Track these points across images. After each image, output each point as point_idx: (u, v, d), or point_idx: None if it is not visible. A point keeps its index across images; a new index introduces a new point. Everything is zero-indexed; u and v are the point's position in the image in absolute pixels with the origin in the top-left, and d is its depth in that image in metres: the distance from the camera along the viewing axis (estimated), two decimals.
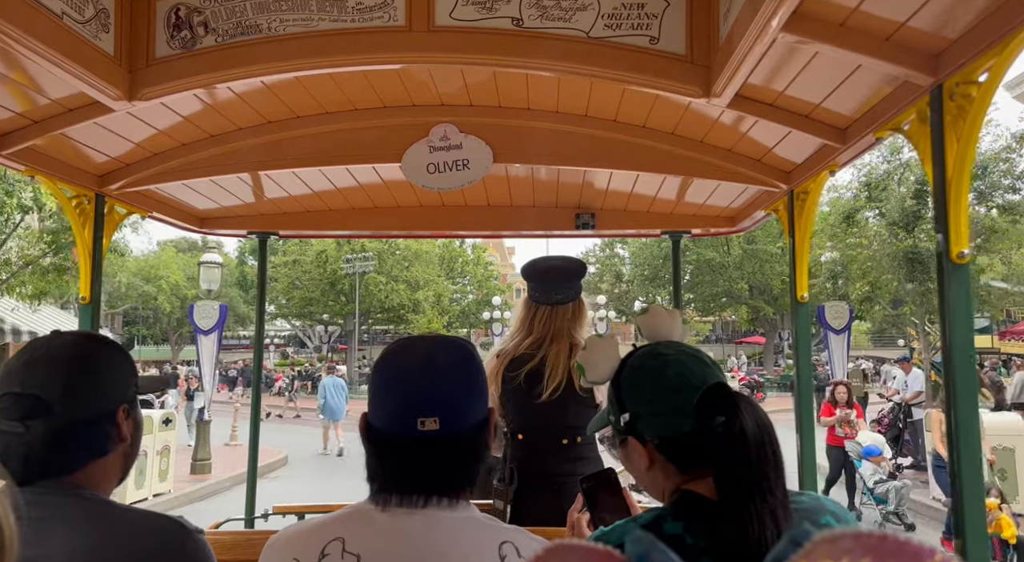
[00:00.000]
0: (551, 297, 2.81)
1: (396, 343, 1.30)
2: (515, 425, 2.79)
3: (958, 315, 1.71)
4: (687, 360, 1.22)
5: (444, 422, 1.18)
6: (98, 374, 1.30)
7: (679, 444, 1.18)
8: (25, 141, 2.40)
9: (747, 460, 1.09)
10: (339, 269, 39.12)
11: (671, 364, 1.22)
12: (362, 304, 40.08)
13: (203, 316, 10.71)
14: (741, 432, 1.10)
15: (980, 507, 1.67)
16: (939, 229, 1.73)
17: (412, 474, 1.20)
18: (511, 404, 2.79)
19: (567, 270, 2.86)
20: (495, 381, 2.79)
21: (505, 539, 1.17)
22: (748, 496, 1.07)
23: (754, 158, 2.85)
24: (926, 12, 1.63)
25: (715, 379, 1.19)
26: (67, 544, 1.14)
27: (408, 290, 40.30)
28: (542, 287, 2.84)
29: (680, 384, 1.18)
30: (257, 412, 3.93)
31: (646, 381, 1.24)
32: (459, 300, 47.90)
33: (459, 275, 47.97)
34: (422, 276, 41.07)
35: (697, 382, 1.18)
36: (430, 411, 1.18)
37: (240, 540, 2.43)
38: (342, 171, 3.18)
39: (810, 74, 2.06)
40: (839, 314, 10.64)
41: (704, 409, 1.14)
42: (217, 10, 2.13)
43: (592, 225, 3.70)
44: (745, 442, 1.10)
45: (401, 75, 2.53)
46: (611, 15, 2.07)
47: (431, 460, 1.19)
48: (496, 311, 32.94)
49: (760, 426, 1.12)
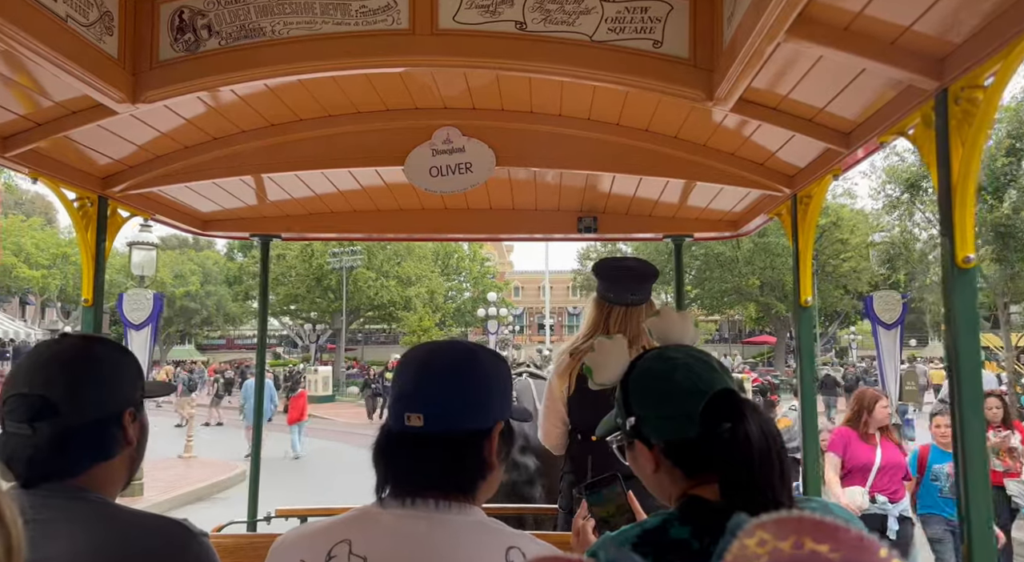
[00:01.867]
0: (626, 298, 2.81)
1: (415, 346, 1.35)
2: (585, 424, 2.73)
3: (964, 320, 1.70)
4: (695, 365, 1.22)
5: (429, 420, 1.18)
6: (105, 377, 1.30)
7: (685, 449, 1.18)
8: (28, 143, 2.40)
9: (751, 467, 1.09)
10: (325, 264, 37.53)
11: (679, 368, 1.22)
12: (351, 301, 38.30)
13: (134, 307, 8.53)
14: (746, 439, 1.10)
15: (987, 517, 1.66)
16: (944, 234, 1.72)
17: (400, 469, 1.22)
18: (581, 403, 2.74)
19: (642, 271, 2.87)
20: (567, 378, 2.77)
21: (512, 544, 1.16)
22: (751, 502, 1.07)
23: (757, 162, 2.85)
24: (931, 16, 1.63)
25: (723, 385, 1.18)
26: (72, 546, 1.14)
27: (399, 286, 38.76)
28: (617, 287, 2.83)
29: (687, 389, 1.18)
30: (260, 415, 3.92)
31: (653, 385, 1.24)
32: (454, 297, 46.39)
33: (455, 272, 46.46)
34: (414, 272, 39.48)
35: (704, 387, 1.18)
36: (416, 407, 1.20)
37: (243, 543, 2.43)
38: (345, 174, 3.18)
39: (814, 78, 2.05)
40: (890, 305, 8.93)
41: (710, 415, 1.14)
42: (221, 13, 2.13)
43: (594, 228, 3.70)
44: (750, 449, 1.10)
45: (404, 78, 2.53)
46: (614, 19, 2.07)
47: (416, 457, 1.20)
48: (492, 307, 31.84)
49: (766, 433, 1.12)
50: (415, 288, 39.35)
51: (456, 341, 1.35)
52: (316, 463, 14.91)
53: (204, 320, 49.55)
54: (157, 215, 3.36)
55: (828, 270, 35.88)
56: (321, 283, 38.62)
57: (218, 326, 54.37)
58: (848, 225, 35.36)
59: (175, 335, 50.79)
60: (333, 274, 38.09)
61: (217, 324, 53.11)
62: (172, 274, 44.05)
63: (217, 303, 47.39)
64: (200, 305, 46.89)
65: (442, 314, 41.75)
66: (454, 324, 44.35)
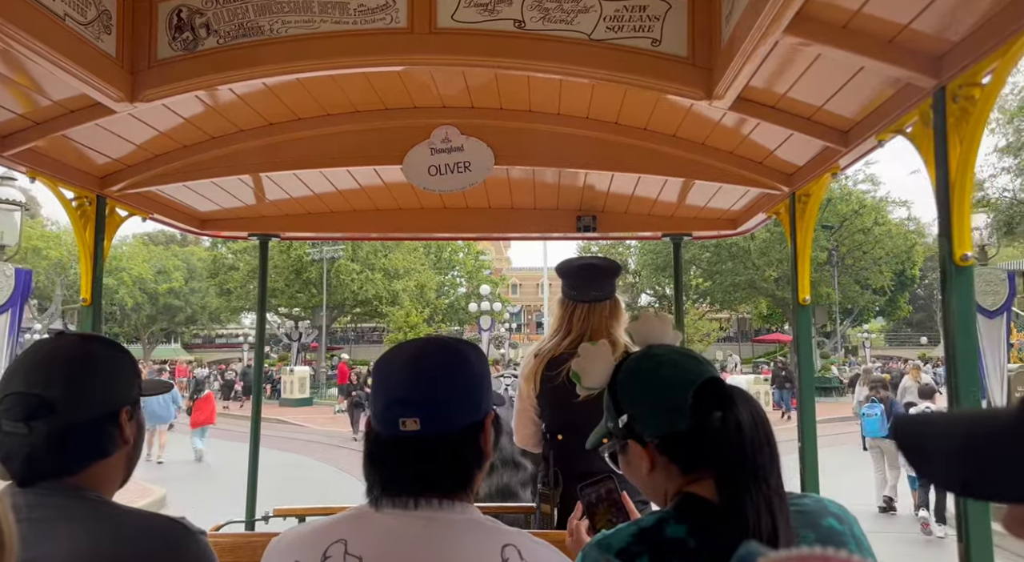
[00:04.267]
0: (588, 294, 2.80)
1: (394, 345, 1.31)
2: (554, 425, 2.76)
3: (962, 318, 1.70)
4: (680, 359, 1.25)
5: (426, 422, 1.17)
6: (101, 375, 1.30)
7: (678, 442, 1.19)
8: (26, 142, 2.40)
9: (742, 450, 1.12)
10: (305, 255, 34.74)
11: (664, 363, 1.24)
12: (334, 295, 35.38)
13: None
14: (737, 425, 1.14)
15: (984, 513, 1.66)
16: (942, 232, 1.73)
17: (397, 475, 1.20)
18: (550, 404, 2.76)
19: (602, 268, 2.87)
20: (533, 381, 2.78)
21: (508, 542, 1.16)
22: (744, 487, 1.09)
23: (756, 160, 2.85)
24: (929, 14, 1.63)
25: (709, 374, 1.21)
26: (69, 545, 1.14)
27: (386, 280, 35.79)
28: (578, 285, 2.83)
29: (675, 381, 1.20)
30: (258, 415, 3.92)
31: (642, 381, 1.26)
32: (447, 293, 43.35)
33: (448, 266, 43.49)
34: (402, 264, 36.49)
35: (692, 378, 1.20)
36: (411, 411, 1.18)
37: (241, 542, 2.43)
38: (343, 173, 3.18)
39: (812, 76, 2.06)
40: (994, 285, 7.04)
41: (700, 405, 1.16)
42: (219, 12, 2.13)
43: (593, 227, 3.70)
44: (741, 434, 1.13)
45: (403, 77, 2.53)
46: (613, 17, 2.07)
47: (415, 461, 1.18)
48: (484, 302, 29.57)
49: (755, 417, 1.15)
50: (403, 281, 36.66)
51: (436, 337, 1.33)
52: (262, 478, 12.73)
53: (188, 318, 47.53)
54: (155, 214, 3.36)
55: (848, 263, 34.08)
56: (301, 276, 35.85)
57: (203, 324, 51.99)
58: (870, 214, 33.45)
59: (159, 334, 48.65)
60: (314, 266, 35.17)
61: (202, 322, 50.66)
62: (155, 270, 42.23)
63: (202, 300, 45.14)
64: (184, 302, 44.84)
65: (432, 309, 38.91)
66: (444, 321, 41.44)
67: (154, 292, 42.39)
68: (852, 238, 33.81)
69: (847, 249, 33.73)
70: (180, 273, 44.33)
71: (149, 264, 42.91)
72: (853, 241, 33.92)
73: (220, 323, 52.23)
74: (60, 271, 36.16)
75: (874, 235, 33.60)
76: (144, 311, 43.10)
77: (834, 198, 33.48)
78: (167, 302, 43.74)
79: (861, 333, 43.05)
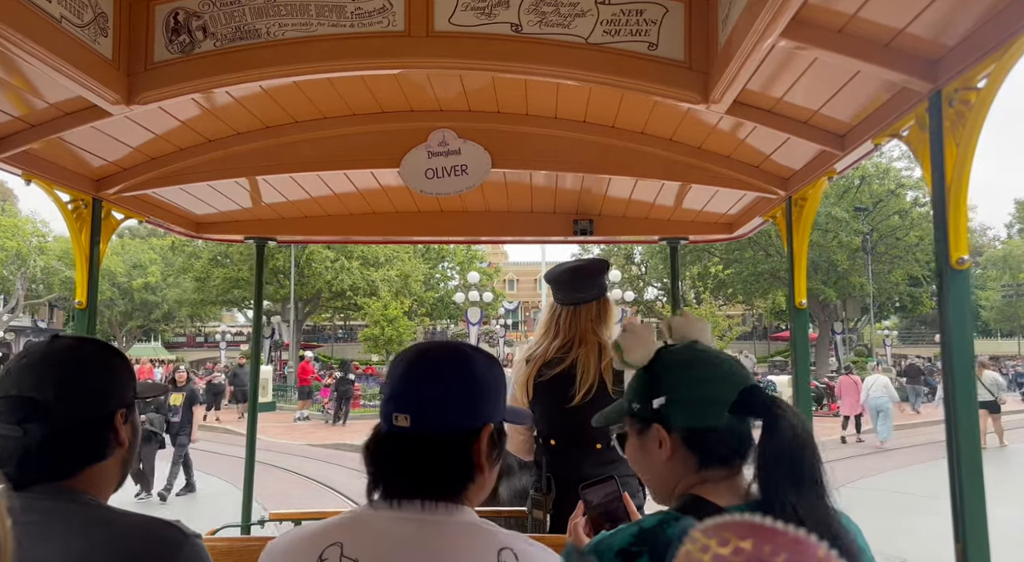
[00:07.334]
0: (572, 296, 2.81)
1: (410, 346, 1.34)
2: (547, 431, 2.75)
3: (958, 321, 1.71)
4: (734, 361, 1.27)
5: (416, 420, 1.18)
6: (96, 377, 1.29)
7: (707, 436, 1.19)
8: (22, 145, 2.39)
9: (782, 456, 1.10)
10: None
11: (724, 358, 1.27)
12: (307, 286, 32.00)
13: None
14: (784, 430, 1.12)
15: (981, 513, 1.66)
16: (939, 236, 1.73)
17: (391, 474, 1.21)
18: (543, 409, 2.75)
19: (587, 268, 2.87)
20: (526, 387, 2.77)
21: (504, 545, 1.16)
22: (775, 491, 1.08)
23: (752, 164, 2.86)
24: (925, 18, 1.64)
25: (753, 382, 1.22)
26: (64, 548, 1.13)
27: (364, 268, 32.50)
28: (562, 288, 2.84)
29: (729, 377, 1.22)
30: (254, 416, 3.91)
31: (699, 368, 1.26)
32: (436, 286, 40.28)
33: (437, 257, 40.29)
34: (382, 251, 32.96)
35: (743, 379, 1.22)
36: (403, 407, 1.20)
37: (237, 546, 2.42)
38: (340, 176, 3.18)
39: (809, 80, 2.06)
40: None
41: (741, 406, 1.17)
42: (216, 15, 2.13)
43: (590, 231, 3.70)
44: (783, 440, 1.11)
45: (400, 80, 2.53)
46: (610, 21, 2.08)
47: (404, 459, 1.19)
48: (473, 292, 26.74)
49: (797, 434, 1.11)
50: (384, 270, 33.12)
51: (449, 342, 1.35)
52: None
53: (165, 315, 43.93)
54: (151, 217, 3.35)
55: (880, 250, 31.15)
56: (268, 264, 31.53)
57: (181, 321, 48.03)
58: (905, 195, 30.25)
59: (136, 331, 45.28)
60: (281, 253, 31.47)
61: (179, 319, 46.62)
62: (130, 264, 39.72)
63: (179, 296, 40.88)
64: (161, 298, 41.60)
65: (415, 300, 35.26)
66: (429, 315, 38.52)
67: (127, 287, 39.59)
68: (888, 222, 31.15)
69: (879, 235, 31.08)
70: (156, 267, 41.36)
71: (122, 257, 40.07)
72: (888, 226, 31.28)
73: (201, 320, 48.90)
74: (20, 262, 34.39)
75: (911, 218, 30.94)
76: (118, 307, 40.40)
77: (868, 176, 30.59)
78: (143, 298, 41.09)
79: (881, 330, 39.55)
